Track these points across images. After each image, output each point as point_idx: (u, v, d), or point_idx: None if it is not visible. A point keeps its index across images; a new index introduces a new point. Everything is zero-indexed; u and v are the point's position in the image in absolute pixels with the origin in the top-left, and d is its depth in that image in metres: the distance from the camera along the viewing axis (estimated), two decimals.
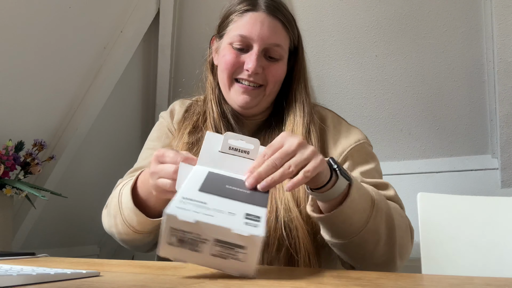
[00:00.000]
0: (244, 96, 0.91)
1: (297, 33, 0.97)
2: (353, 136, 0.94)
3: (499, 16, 1.52)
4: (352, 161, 0.92)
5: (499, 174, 1.73)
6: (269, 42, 0.90)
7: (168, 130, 1.02)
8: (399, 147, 1.90)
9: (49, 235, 1.83)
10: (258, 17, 0.90)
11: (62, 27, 1.63)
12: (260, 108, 0.95)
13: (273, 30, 0.90)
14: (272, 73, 0.91)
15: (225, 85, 0.94)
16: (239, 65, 0.91)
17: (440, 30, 1.68)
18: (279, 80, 0.94)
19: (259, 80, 0.91)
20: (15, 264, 0.72)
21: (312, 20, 1.80)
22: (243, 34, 0.89)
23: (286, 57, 0.94)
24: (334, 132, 0.95)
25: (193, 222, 0.53)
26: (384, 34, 1.75)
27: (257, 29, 0.89)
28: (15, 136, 1.52)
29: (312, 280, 0.56)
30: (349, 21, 1.77)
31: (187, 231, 0.54)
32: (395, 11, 1.71)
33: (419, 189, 1.31)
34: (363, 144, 0.94)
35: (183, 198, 0.57)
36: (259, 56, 0.89)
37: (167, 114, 1.05)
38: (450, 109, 1.78)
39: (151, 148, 1.02)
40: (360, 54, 1.81)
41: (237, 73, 0.92)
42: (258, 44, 0.89)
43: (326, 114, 0.99)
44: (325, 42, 1.83)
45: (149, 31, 1.99)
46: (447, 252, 1.13)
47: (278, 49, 0.91)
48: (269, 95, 0.94)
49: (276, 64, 0.92)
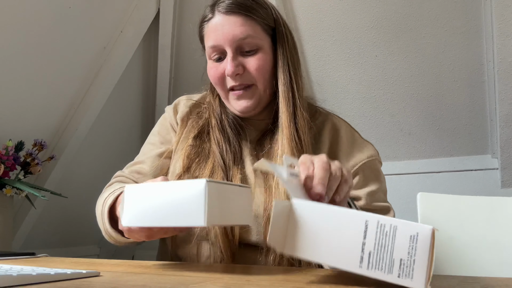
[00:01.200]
0: (241, 102, 0.90)
1: (269, 12, 0.92)
2: (366, 151, 0.93)
3: (499, 16, 1.52)
4: (363, 177, 0.90)
5: (499, 174, 1.74)
6: (236, 39, 0.87)
7: (170, 125, 1.01)
8: (399, 147, 1.90)
9: (49, 235, 1.83)
10: (217, 22, 0.89)
11: (62, 27, 1.63)
12: (262, 106, 0.93)
13: (235, 25, 0.88)
14: (254, 66, 0.88)
15: (223, 97, 0.94)
16: (223, 75, 0.90)
17: (440, 30, 1.68)
18: (265, 71, 0.90)
19: (245, 80, 0.89)
20: (15, 264, 0.71)
21: (312, 20, 1.80)
22: (212, 45, 0.89)
23: (266, 44, 0.90)
24: (348, 145, 0.93)
25: None
26: (384, 34, 1.75)
27: (220, 33, 0.88)
28: (15, 136, 1.52)
29: (312, 280, 0.56)
30: (349, 21, 1.77)
31: None
32: (395, 11, 1.71)
33: (419, 189, 1.31)
34: (375, 161, 0.93)
35: None
36: (233, 57, 0.88)
37: (170, 108, 1.03)
38: (450, 109, 1.78)
39: (151, 143, 1.02)
40: (360, 54, 1.81)
41: (226, 83, 0.91)
42: (228, 46, 0.88)
43: (340, 125, 0.96)
44: (325, 42, 1.83)
45: (149, 31, 1.99)
46: (447, 252, 1.13)
47: (249, 40, 0.88)
48: (264, 90, 0.91)
49: (254, 56, 0.89)
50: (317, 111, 0.99)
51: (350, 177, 0.68)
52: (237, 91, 0.90)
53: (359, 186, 0.90)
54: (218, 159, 0.90)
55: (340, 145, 0.93)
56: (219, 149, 0.91)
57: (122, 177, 0.98)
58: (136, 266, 0.73)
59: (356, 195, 0.89)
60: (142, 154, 1.01)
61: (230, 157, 0.90)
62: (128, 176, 0.97)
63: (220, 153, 0.91)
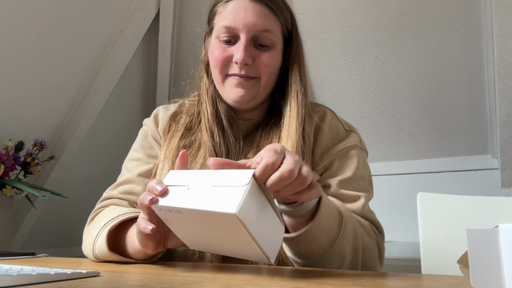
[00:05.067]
0: (238, 89, 0.86)
1: (289, 16, 0.90)
2: (346, 140, 0.90)
3: (499, 16, 1.52)
4: (338, 165, 0.87)
5: (499, 174, 1.73)
6: (256, 29, 0.83)
7: (152, 138, 0.96)
8: (399, 147, 1.90)
9: (49, 235, 1.83)
10: (241, 4, 0.84)
11: (62, 27, 1.63)
12: (257, 102, 0.90)
13: (259, 15, 0.84)
14: (264, 62, 0.85)
15: (218, 82, 0.89)
16: (229, 59, 0.85)
17: (440, 30, 1.68)
18: (273, 70, 0.87)
19: (251, 72, 0.85)
20: (15, 264, 0.71)
21: (312, 20, 1.80)
22: (228, 25, 0.84)
23: (279, 44, 0.88)
24: (329, 135, 0.90)
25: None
26: (384, 34, 1.75)
27: (241, 17, 0.83)
28: (15, 136, 1.52)
29: (312, 280, 0.56)
30: (349, 21, 1.77)
31: None
32: (395, 11, 1.71)
33: (419, 189, 1.30)
34: (354, 147, 0.89)
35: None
36: (247, 45, 0.83)
37: (150, 121, 0.99)
38: (450, 109, 1.78)
39: (135, 159, 0.96)
40: (360, 54, 1.81)
41: (228, 68, 0.86)
42: (245, 33, 0.83)
43: (324, 115, 0.93)
44: (325, 42, 1.83)
45: (149, 31, 1.99)
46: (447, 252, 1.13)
47: (267, 34, 0.84)
48: (264, 87, 0.87)
49: (267, 52, 0.85)
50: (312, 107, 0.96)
51: (307, 174, 0.61)
52: (238, 77, 0.85)
53: (332, 173, 0.87)
54: (210, 152, 0.86)
55: (321, 135, 0.90)
56: (212, 141, 0.87)
57: (113, 199, 0.92)
58: (136, 266, 0.73)
59: (328, 183, 0.86)
60: (128, 172, 0.95)
61: (223, 151, 0.87)
62: (120, 197, 0.92)
63: (212, 145, 0.87)
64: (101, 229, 0.80)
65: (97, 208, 0.92)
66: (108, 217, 0.82)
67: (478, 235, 0.41)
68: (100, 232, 0.80)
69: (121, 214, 0.80)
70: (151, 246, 0.70)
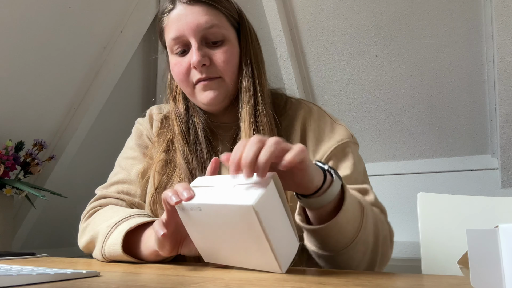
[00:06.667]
0: (207, 92, 0.85)
1: (231, 6, 0.89)
2: (336, 136, 0.88)
3: (499, 16, 1.52)
4: (336, 162, 0.86)
5: (499, 174, 1.74)
6: (201, 28, 0.83)
7: (147, 138, 0.97)
8: (399, 147, 1.90)
9: (49, 235, 1.83)
10: (179, 12, 0.84)
11: (62, 27, 1.63)
12: (232, 99, 0.89)
13: (199, 14, 0.83)
14: (222, 59, 0.84)
15: (189, 94, 0.88)
16: (188, 68, 0.85)
17: (440, 30, 1.68)
18: (232, 64, 0.85)
19: (212, 73, 0.84)
20: (15, 264, 0.72)
21: (312, 20, 1.80)
22: (175, 36, 0.84)
23: (232, 36, 0.87)
24: (318, 131, 0.89)
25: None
26: (384, 34, 1.75)
27: (183, 23, 0.83)
28: (15, 136, 1.52)
29: (312, 280, 0.56)
30: (349, 21, 1.78)
31: None
32: (395, 11, 1.71)
33: (419, 189, 1.30)
34: (347, 144, 0.87)
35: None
36: (199, 47, 0.83)
37: (145, 121, 0.98)
38: (450, 109, 1.78)
39: (131, 157, 0.96)
40: (360, 54, 1.81)
41: (191, 77, 0.85)
42: (192, 36, 0.83)
43: (311, 111, 0.91)
44: (325, 42, 1.83)
45: (149, 31, 1.99)
46: (447, 252, 1.13)
47: (215, 29, 0.84)
48: (231, 84, 0.86)
49: (222, 47, 0.84)
50: (287, 101, 0.94)
51: (277, 142, 0.60)
52: (203, 82, 0.84)
53: None
54: (184, 170, 0.86)
55: (309, 131, 0.89)
56: (184, 159, 0.87)
57: (110, 198, 0.92)
58: (136, 266, 0.73)
59: None
60: (123, 170, 0.95)
61: (197, 167, 0.86)
62: (117, 197, 0.92)
63: (186, 163, 0.86)
64: (111, 228, 0.80)
65: (93, 206, 0.92)
66: (114, 217, 0.82)
67: (478, 235, 0.41)
68: (111, 232, 0.80)
69: (130, 216, 0.81)
70: (168, 248, 0.70)
